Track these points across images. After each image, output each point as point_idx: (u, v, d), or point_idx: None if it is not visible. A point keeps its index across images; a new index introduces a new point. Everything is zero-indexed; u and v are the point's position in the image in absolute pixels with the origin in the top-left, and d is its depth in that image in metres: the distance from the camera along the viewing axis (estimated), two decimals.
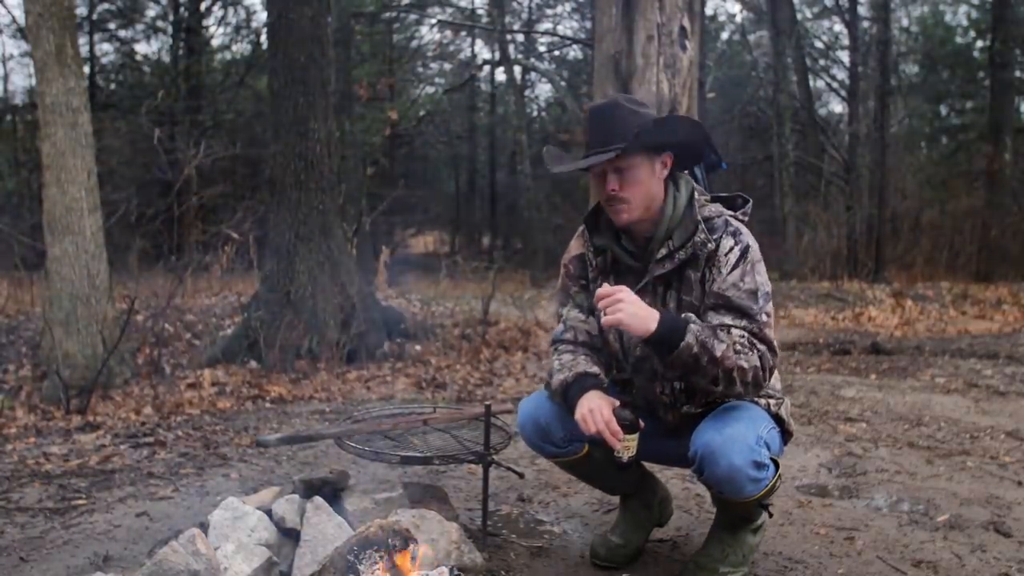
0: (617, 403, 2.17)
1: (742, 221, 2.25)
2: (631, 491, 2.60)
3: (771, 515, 2.33)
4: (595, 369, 2.28)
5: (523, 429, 2.43)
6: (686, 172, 2.35)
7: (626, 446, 2.14)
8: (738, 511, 2.28)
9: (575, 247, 2.40)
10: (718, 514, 2.39)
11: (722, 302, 2.12)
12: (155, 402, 5.09)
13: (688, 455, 2.16)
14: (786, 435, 2.34)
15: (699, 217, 2.18)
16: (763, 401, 2.27)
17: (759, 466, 2.11)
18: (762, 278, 2.15)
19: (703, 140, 2.29)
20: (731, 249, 2.14)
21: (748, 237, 2.18)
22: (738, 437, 2.08)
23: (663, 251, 2.19)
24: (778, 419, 2.29)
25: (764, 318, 2.10)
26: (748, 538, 2.32)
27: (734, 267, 2.12)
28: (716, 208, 2.23)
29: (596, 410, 2.13)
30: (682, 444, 2.20)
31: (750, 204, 2.31)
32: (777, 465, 2.20)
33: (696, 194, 2.25)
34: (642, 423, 2.16)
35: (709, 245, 2.15)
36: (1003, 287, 13.26)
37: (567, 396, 2.25)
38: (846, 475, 3.51)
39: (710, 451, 2.08)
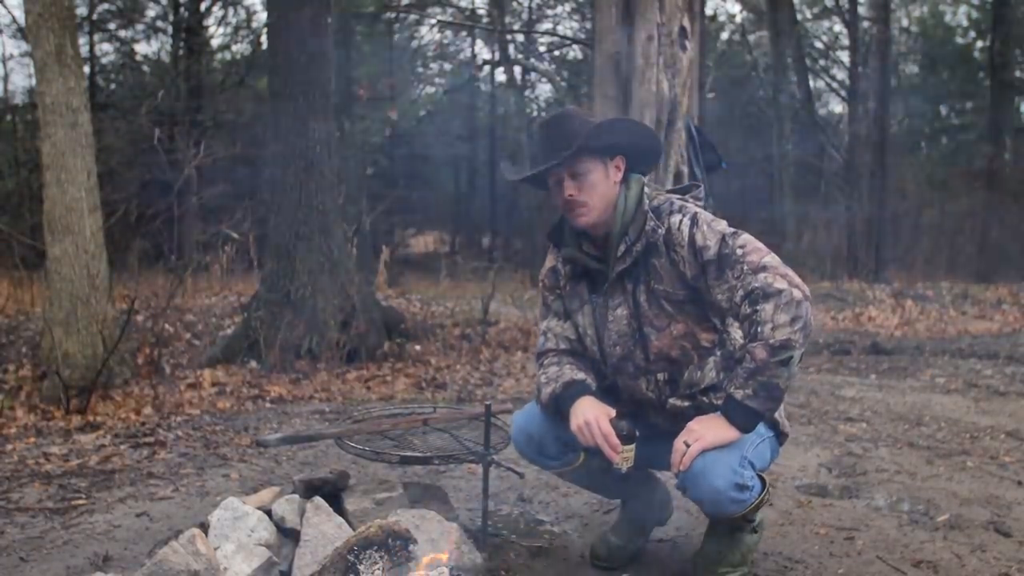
0: (613, 412, 2.16)
1: (694, 203, 2.29)
2: (631, 495, 2.60)
3: (756, 531, 2.33)
4: (581, 375, 2.29)
5: (517, 443, 2.45)
6: (638, 173, 2.37)
7: (625, 457, 2.13)
8: (726, 522, 2.28)
9: (549, 261, 2.47)
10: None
11: (704, 268, 2.13)
12: (155, 402, 5.09)
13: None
14: (781, 436, 2.34)
15: (647, 208, 2.24)
16: None
17: (742, 488, 2.12)
18: (719, 226, 2.16)
19: (652, 142, 2.36)
20: (681, 222, 2.17)
21: (693, 207, 2.23)
22: (721, 460, 2.07)
23: (622, 248, 2.24)
24: (771, 422, 2.28)
25: (740, 252, 2.09)
26: (746, 538, 2.32)
27: (691, 236, 2.14)
28: (665, 197, 2.29)
29: (593, 422, 2.14)
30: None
31: (701, 189, 2.38)
32: (764, 481, 2.22)
33: (646, 189, 2.30)
34: (637, 432, 2.16)
35: (659, 230, 2.19)
36: (1003, 287, 13.26)
37: (559, 407, 2.26)
38: (846, 475, 3.50)
39: (692, 474, 2.09)
